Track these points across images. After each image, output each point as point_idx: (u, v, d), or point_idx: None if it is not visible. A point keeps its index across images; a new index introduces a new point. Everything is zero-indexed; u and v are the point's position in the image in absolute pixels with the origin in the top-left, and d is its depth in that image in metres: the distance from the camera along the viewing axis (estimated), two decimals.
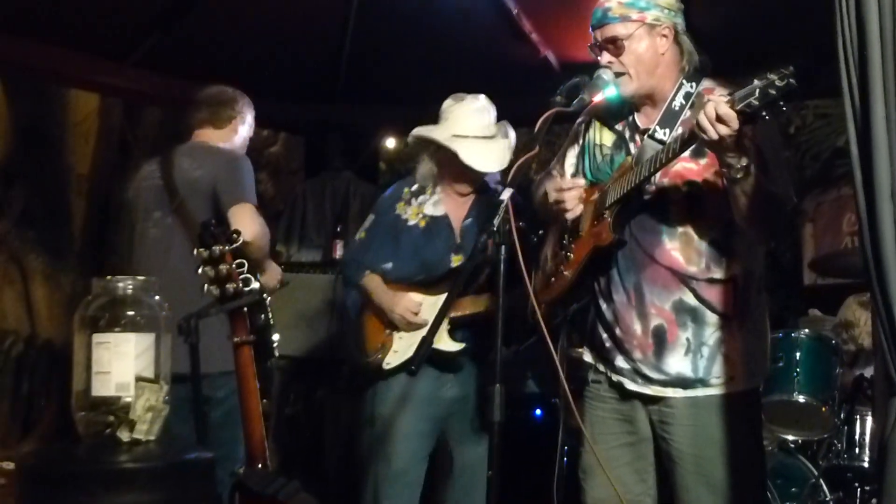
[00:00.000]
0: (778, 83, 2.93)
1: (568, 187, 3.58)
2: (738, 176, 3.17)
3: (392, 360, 4.78)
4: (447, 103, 4.89)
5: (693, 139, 3.17)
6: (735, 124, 3.01)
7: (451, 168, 4.80)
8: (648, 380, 3.51)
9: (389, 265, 4.85)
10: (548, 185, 3.69)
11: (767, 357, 3.67)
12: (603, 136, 3.72)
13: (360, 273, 4.91)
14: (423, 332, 4.63)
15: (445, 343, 4.69)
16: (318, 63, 6.77)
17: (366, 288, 4.89)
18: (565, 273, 3.63)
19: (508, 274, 3.18)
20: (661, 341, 3.48)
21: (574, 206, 3.57)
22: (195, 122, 5.10)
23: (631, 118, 3.64)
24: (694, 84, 3.53)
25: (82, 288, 8.20)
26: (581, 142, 3.81)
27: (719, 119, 3.00)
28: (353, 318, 4.98)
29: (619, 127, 3.68)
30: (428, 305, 4.75)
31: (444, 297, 4.46)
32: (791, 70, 2.93)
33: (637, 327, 3.51)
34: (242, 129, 5.12)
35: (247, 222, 4.60)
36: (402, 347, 4.78)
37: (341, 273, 5.18)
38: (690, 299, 3.47)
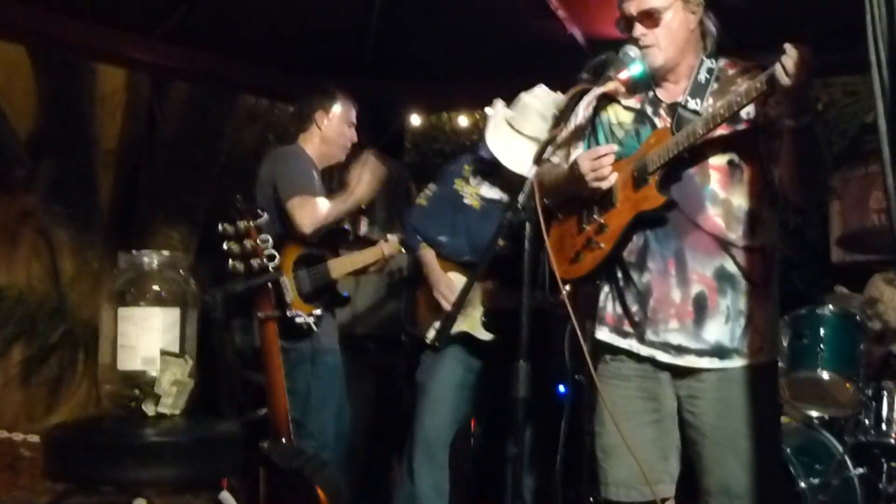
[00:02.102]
0: (830, 31, 2.98)
1: (603, 153, 3.53)
2: (805, 123, 3.21)
3: (430, 335, 4.92)
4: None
5: (770, 85, 3.17)
6: (812, 66, 3.06)
7: None
8: (683, 350, 3.50)
9: (444, 238, 4.97)
10: (578, 156, 3.64)
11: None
12: (618, 115, 3.71)
13: (416, 242, 5.07)
14: (460, 320, 4.76)
15: (478, 331, 4.73)
16: (344, 38, 6.75)
17: (420, 260, 5.03)
18: (602, 245, 3.60)
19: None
20: (701, 308, 3.48)
21: (610, 173, 3.54)
22: (292, 130, 5.46)
23: (651, 94, 3.64)
24: (714, 60, 3.57)
25: (109, 262, 8.25)
26: (590, 123, 3.79)
27: (804, 61, 3.04)
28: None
29: (634, 104, 3.68)
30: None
31: (486, 284, 4.52)
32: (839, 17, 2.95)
33: (676, 295, 3.51)
34: (327, 119, 5.36)
35: (298, 220, 4.89)
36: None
37: (402, 238, 5.29)
38: (731, 266, 3.49)
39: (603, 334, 3.68)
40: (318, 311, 4.96)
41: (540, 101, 4.80)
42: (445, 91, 7.54)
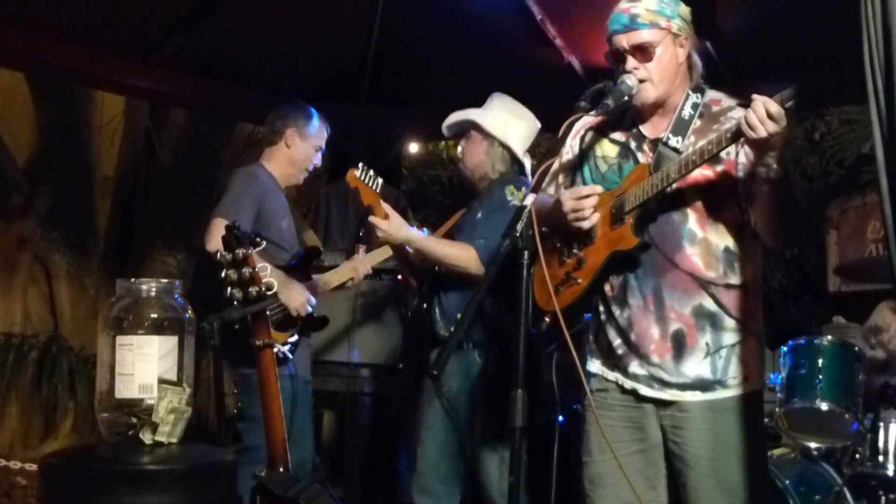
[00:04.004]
0: (824, 80, 2.97)
1: (586, 194, 3.55)
2: (776, 176, 3.19)
3: None
4: None
5: (737, 137, 3.19)
6: (784, 122, 3.05)
7: None
8: (666, 384, 3.50)
9: None
10: (562, 193, 3.65)
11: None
12: (604, 148, 3.71)
13: None
14: None
15: None
16: (342, 66, 6.78)
17: None
18: (579, 280, 3.61)
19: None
20: (680, 346, 3.48)
21: (591, 214, 3.55)
22: (261, 143, 5.32)
23: (635, 129, 3.64)
24: (699, 95, 3.56)
25: (106, 289, 8.25)
26: (576, 154, 3.80)
27: (770, 117, 3.03)
28: None
29: (619, 137, 3.69)
30: None
31: None
32: (835, 69, 2.95)
33: (655, 332, 3.50)
34: (298, 139, 5.18)
35: (210, 235, 4.71)
36: None
37: None
38: (710, 304, 3.48)
39: (594, 367, 3.69)
40: (293, 339, 4.89)
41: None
42: (443, 119, 7.55)
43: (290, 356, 4.86)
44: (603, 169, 3.68)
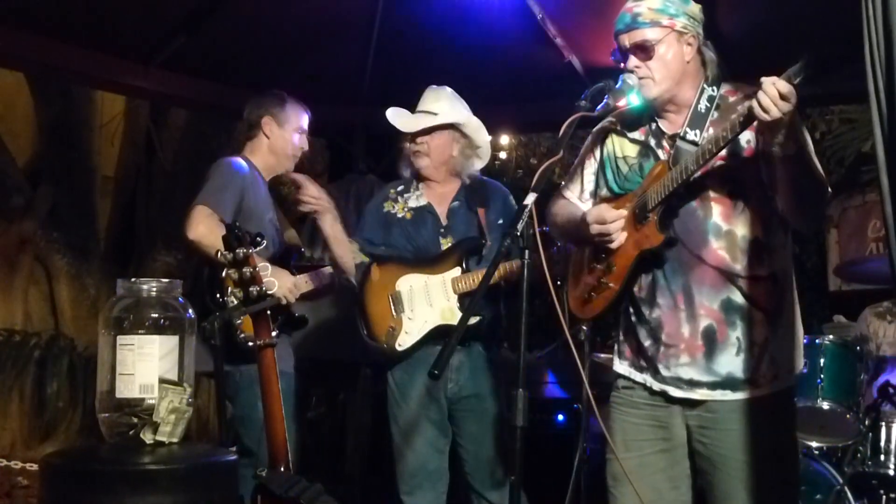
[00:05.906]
0: (829, 52, 2.98)
1: (612, 220, 3.55)
2: (792, 152, 3.20)
3: (404, 341, 4.85)
4: None
5: (749, 121, 3.18)
6: (794, 99, 3.05)
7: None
8: (695, 384, 3.48)
9: (381, 249, 5.01)
10: (587, 214, 3.65)
11: (801, 354, 3.66)
12: (624, 148, 3.72)
13: (368, 247, 5.04)
14: (432, 316, 4.82)
15: (455, 319, 4.76)
16: (343, 65, 6.77)
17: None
18: (610, 285, 3.61)
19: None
20: (711, 342, 3.46)
21: (619, 237, 3.57)
22: (240, 138, 5.21)
23: (654, 125, 3.64)
24: (715, 88, 3.56)
25: (106, 289, 8.25)
26: (598, 157, 3.81)
27: (782, 97, 3.04)
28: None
29: (639, 136, 3.69)
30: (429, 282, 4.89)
31: (441, 275, 4.79)
32: (840, 40, 2.95)
33: (686, 330, 3.49)
34: (275, 126, 5.09)
35: (191, 223, 4.63)
36: (413, 328, 4.84)
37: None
38: (738, 297, 3.47)
39: (622, 368, 3.68)
40: (274, 333, 4.85)
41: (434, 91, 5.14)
42: None
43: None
44: (624, 170, 3.69)
